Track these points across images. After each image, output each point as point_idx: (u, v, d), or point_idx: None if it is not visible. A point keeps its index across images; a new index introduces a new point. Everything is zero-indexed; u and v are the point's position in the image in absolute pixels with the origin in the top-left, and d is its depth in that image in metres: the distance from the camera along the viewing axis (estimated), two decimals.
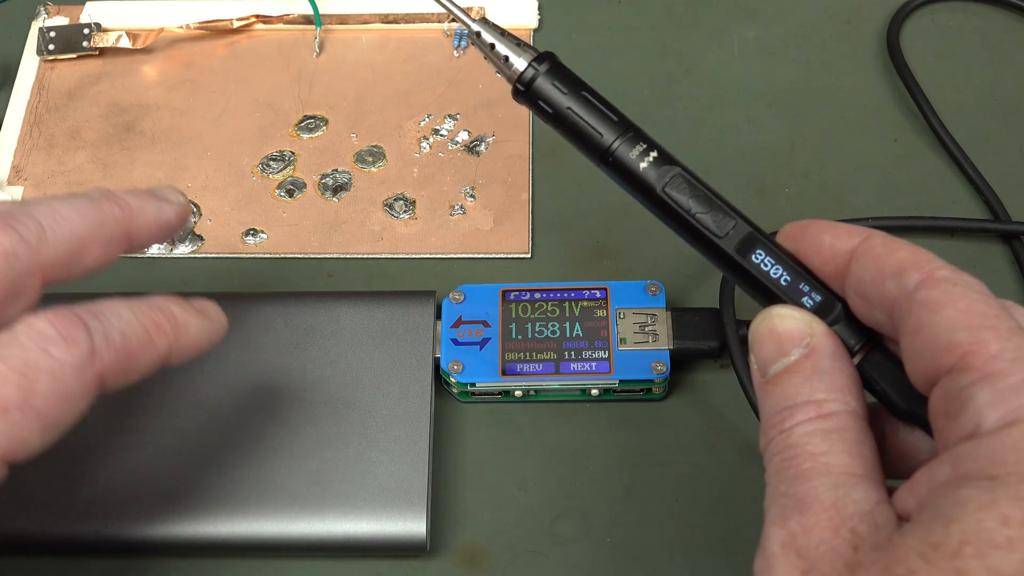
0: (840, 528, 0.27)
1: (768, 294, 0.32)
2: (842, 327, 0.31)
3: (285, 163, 0.52)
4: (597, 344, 0.44)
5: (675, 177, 0.34)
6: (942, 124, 0.52)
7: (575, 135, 0.35)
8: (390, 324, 0.44)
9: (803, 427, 0.29)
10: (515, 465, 0.44)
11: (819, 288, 0.31)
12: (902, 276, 0.29)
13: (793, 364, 0.30)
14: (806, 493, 0.28)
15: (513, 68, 0.35)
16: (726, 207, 0.33)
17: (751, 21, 0.56)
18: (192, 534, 0.41)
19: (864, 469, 0.28)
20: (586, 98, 0.35)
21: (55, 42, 0.55)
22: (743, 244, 0.33)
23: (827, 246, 0.31)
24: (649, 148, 0.34)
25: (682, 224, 0.34)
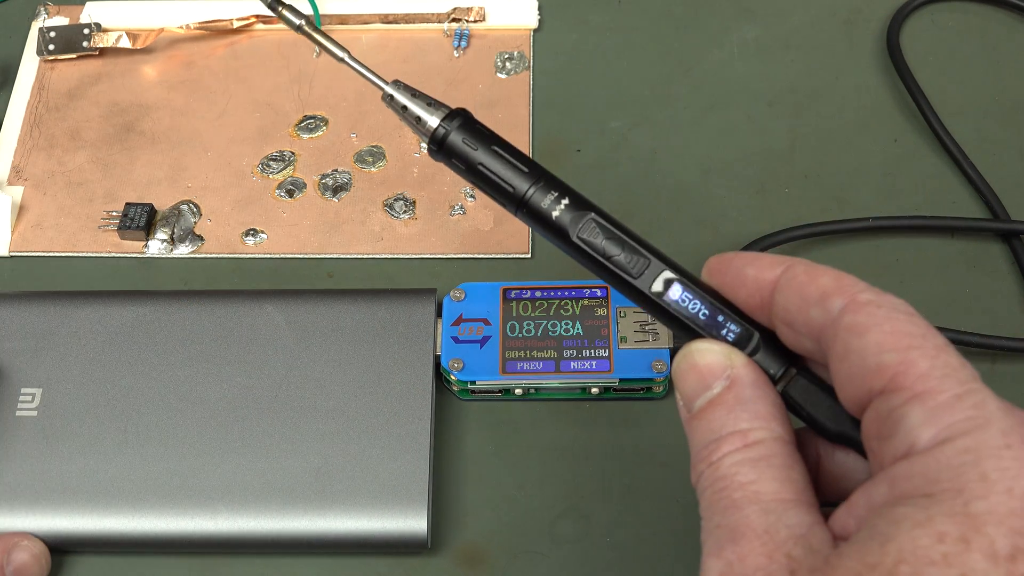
0: (775, 553, 0.27)
1: (687, 329, 0.33)
2: (763, 355, 0.31)
3: (285, 163, 0.52)
4: (597, 343, 0.44)
5: (587, 222, 0.34)
6: (942, 124, 0.52)
7: (490, 187, 0.35)
8: (391, 322, 0.44)
9: (730, 457, 0.29)
10: (515, 464, 0.44)
11: (737, 319, 0.32)
12: (825, 302, 0.29)
13: (716, 397, 0.30)
14: (738, 522, 0.28)
15: (427, 126, 0.35)
16: (640, 247, 0.34)
17: (751, 21, 0.56)
18: (194, 531, 0.41)
19: (794, 494, 0.28)
20: (497, 151, 0.35)
21: (55, 42, 0.55)
22: (659, 282, 0.33)
23: (751, 278, 0.31)
24: (561, 195, 0.34)
25: (599, 266, 0.34)
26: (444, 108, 0.36)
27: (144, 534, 0.41)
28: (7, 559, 0.40)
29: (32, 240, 0.50)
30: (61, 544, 0.41)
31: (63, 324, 0.45)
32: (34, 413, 0.43)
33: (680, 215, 0.50)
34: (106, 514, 0.41)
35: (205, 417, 0.43)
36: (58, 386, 0.43)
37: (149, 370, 0.44)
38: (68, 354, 0.44)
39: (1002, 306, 0.47)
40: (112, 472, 0.42)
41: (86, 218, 0.50)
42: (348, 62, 0.38)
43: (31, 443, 0.42)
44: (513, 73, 0.55)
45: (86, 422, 0.43)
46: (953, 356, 0.27)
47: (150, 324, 0.45)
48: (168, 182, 0.51)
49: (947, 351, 0.27)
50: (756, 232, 0.49)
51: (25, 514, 0.41)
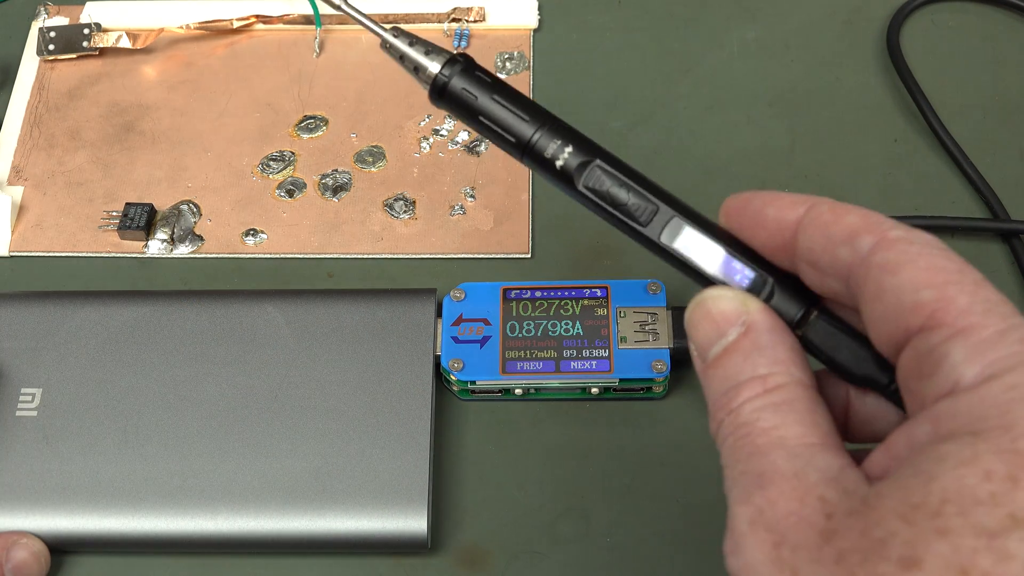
0: (806, 497, 0.26)
1: (700, 276, 0.32)
2: (779, 300, 0.30)
3: (285, 163, 0.52)
4: (597, 343, 0.44)
5: (593, 169, 0.33)
6: (942, 124, 0.52)
7: (493, 134, 0.34)
8: (391, 322, 0.44)
9: (751, 403, 0.28)
10: (515, 464, 0.44)
11: (751, 264, 0.31)
12: (854, 241, 0.28)
13: (732, 344, 0.29)
14: (765, 467, 0.27)
15: (427, 73, 0.34)
16: (649, 192, 0.33)
17: (751, 21, 0.56)
18: (194, 531, 0.41)
19: (820, 437, 0.27)
20: (498, 99, 0.34)
21: (55, 42, 0.55)
22: (668, 229, 0.32)
23: (771, 219, 0.30)
24: (566, 142, 0.33)
25: (606, 214, 0.33)
26: (445, 53, 0.34)
27: (144, 534, 0.41)
28: (6, 556, 0.40)
29: (32, 240, 0.50)
30: (61, 544, 0.41)
31: (63, 324, 0.45)
32: (34, 413, 0.43)
33: None
34: (106, 514, 0.41)
35: (205, 417, 0.43)
36: (58, 386, 0.43)
37: (149, 370, 0.44)
38: (68, 354, 0.44)
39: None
40: (112, 472, 0.42)
41: (86, 218, 0.50)
42: (345, 9, 0.37)
43: (31, 443, 0.42)
44: (513, 73, 0.55)
45: (86, 422, 0.43)
46: (992, 291, 0.26)
47: (150, 324, 0.45)
48: (168, 182, 0.51)
49: (986, 286, 0.26)
50: None
51: (25, 514, 0.41)
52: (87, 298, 0.46)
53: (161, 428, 0.42)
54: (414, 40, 0.34)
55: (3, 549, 0.40)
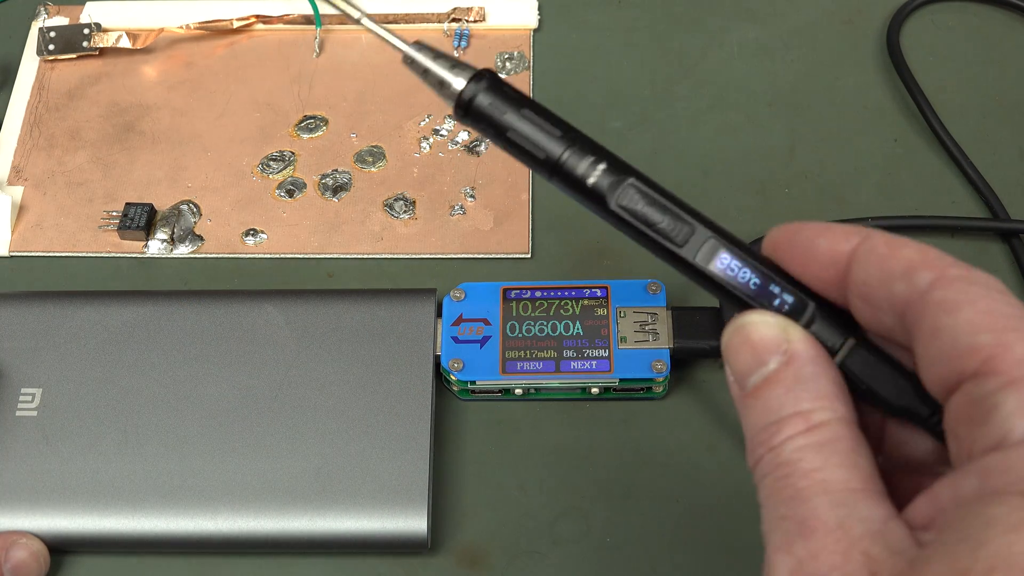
0: (850, 552, 0.25)
1: (738, 300, 0.30)
2: (819, 327, 0.29)
3: (285, 163, 0.52)
4: (597, 343, 0.44)
5: (627, 188, 0.31)
6: (942, 124, 0.52)
7: (521, 152, 0.33)
8: (391, 322, 0.44)
9: (793, 442, 0.27)
10: (515, 465, 0.44)
11: (791, 289, 0.30)
12: (912, 276, 0.27)
13: (773, 374, 0.28)
14: (807, 515, 0.26)
15: (451, 89, 0.33)
16: (685, 213, 0.31)
17: (751, 21, 0.56)
18: (194, 531, 0.41)
19: (863, 482, 0.26)
20: (527, 114, 0.32)
21: (55, 42, 0.55)
22: (705, 251, 0.31)
23: (823, 250, 0.29)
24: (598, 159, 0.32)
25: (639, 235, 0.32)
26: (470, 69, 0.33)
27: (144, 534, 0.41)
28: (5, 556, 0.40)
29: (32, 240, 0.50)
30: (61, 544, 0.41)
31: (63, 324, 0.45)
32: (34, 413, 0.43)
33: None
34: (106, 514, 0.41)
35: (205, 417, 0.43)
36: (58, 386, 0.43)
37: (149, 370, 0.44)
38: (68, 354, 0.44)
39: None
40: (112, 472, 0.42)
41: (86, 218, 0.50)
42: (366, 24, 0.35)
43: (31, 443, 0.42)
44: (513, 73, 0.55)
45: (86, 422, 0.43)
46: None
47: (150, 324, 0.45)
48: (168, 182, 0.51)
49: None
50: (756, 232, 0.49)
51: (25, 514, 0.41)
52: (87, 298, 0.46)
53: (161, 428, 0.42)
54: (438, 54, 0.33)
55: (2, 549, 0.40)
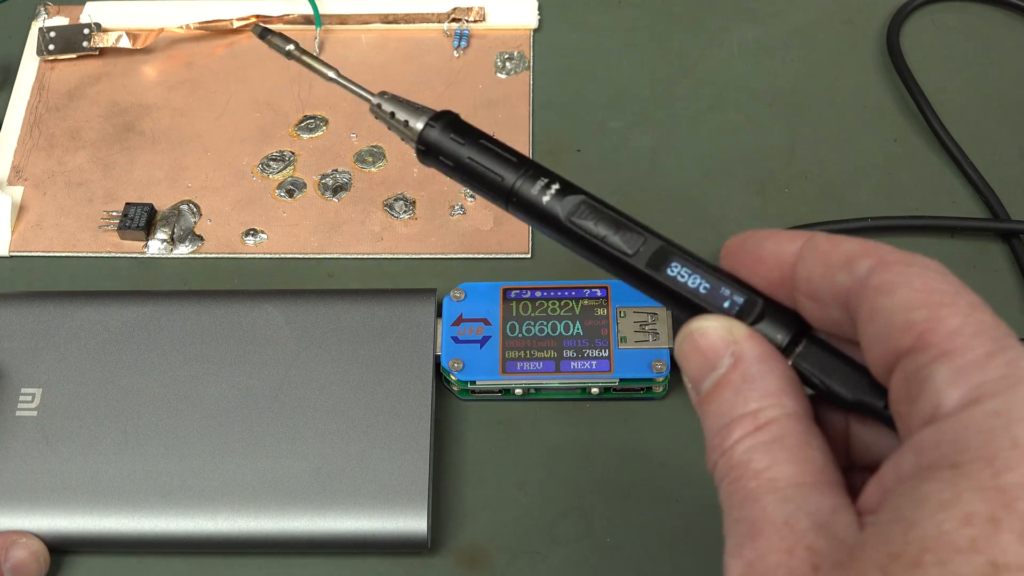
0: (795, 548, 0.25)
1: (689, 305, 0.31)
2: (768, 325, 0.30)
3: (285, 163, 0.52)
4: (597, 343, 0.44)
5: (579, 205, 0.33)
6: (942, 124, 0.52)
7: (479, 183, 0.35)
8: (391, 322, 0.44)
9: (743, 443, 0.27)
10: (515, 464, 0.44)
11: (739, 288, 0.30)
12: (852, 265, 0.27)
13: (722, 377, 0.28)
14: (756, 515, 0.26)
15: (414, 129, 0.36)
16: (635, 225, 0.33)
17: (751, 21, 0.56)
18: (193, 531, 0.41)
19: (813, 475, 0.26)
20: (483, 145, 0.35)
21: (55, 42, 0.55)
22: (655, 259, 0.32)
23: (770, 253, 0.30)
24: (551, 181, 0.34)
25: (592, 249, 0.33)
26: (430, 111, 0.36)
27: (144, 534, 0.41)
28: (5, 556, 0.40)
29: (32, 240, 0.50)
30: (61, 544, 0.41)
31: (63, 324, 0.45)
32: (34, 413, 0.43)
33: (680, 215, 0.50)
34: (106, 514, 0.41)
35: (205, 417, 0.43)
36: (58, 386, 0.43)
37: (149, 370, 0.44)
38: (68, 354, 0.44)
39: (1002, 306, 0.47)
40: (112, 472, 0.42)
41: (86, 218, 0.50)
42: (337, 80, 0.38)
43: (31, 443, 0.42)
44: (513, 73, 0.55)
45: (86, 422, 0.43)
46: (987, 314, 0.25)
47: (150, 324, 0.45)
48: (168, 182, 0.51)
49: (981, 309, 0.25)
50: None
51: (25, 514, 0.41)
52: (87, 298, 0.46)
53: (161, 428, 0.42)
54: (402, 101, 0.36)
55: (2, 548, 0.40)
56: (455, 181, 0.36)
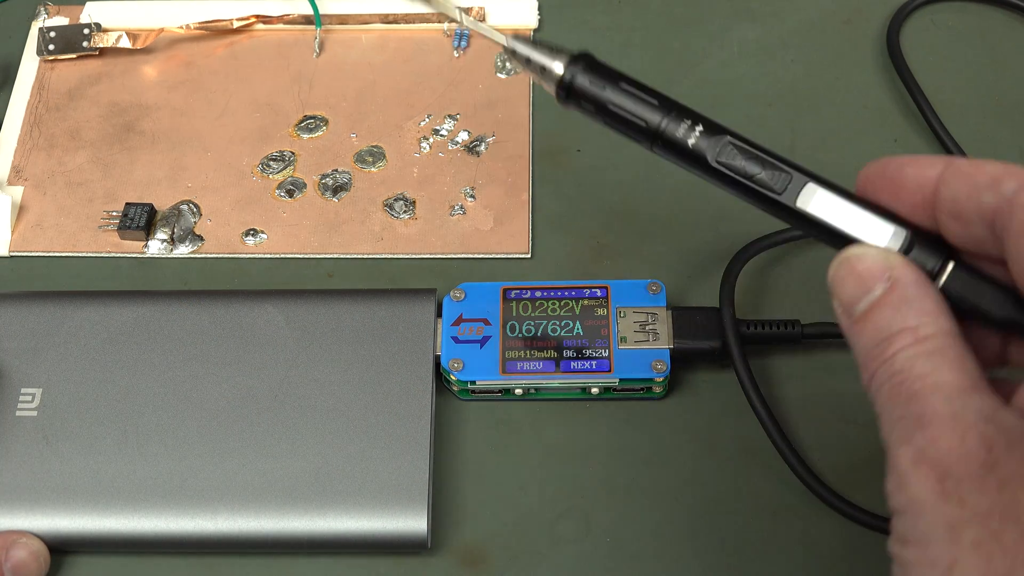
0: (967, 434, 0.27)
1: (838, 236, 0.33)
2: (918, 253, 0.31)
3: (285, 163, 0.52)
4: (597, 343, 0.44)
5: (725, 146, 0.34)
6: (942, 124, 0.52)
7: (623, 124, 0.36)
8: (391, 322, 0.44)
9: (904, 353, 0.29)
10: (515, 465, 0.44)
11: (887, 218, 0.32)
12: (998, 186, 0.29)
13: (879, 299, 0.30)
14: (924, 410, 0.28)
15: (553, 74, 0.36)
16: (780, 162, 0.34)
17: (751, 21, 0.56)
18: (193, 531, 0.41)
19: (972, 381, 0.29)
20: (624, 88, 0.35)
21: (55, 42, 0.55)
22: (804, 194, 0.33)
23: (911, 178, 0.32)
24: (695, 122, 0.35)
25: (741, 188, 0.34)
26: (567, 53, 0.36)
27: (144, 534, 0.41)
28: (5, 556, 0.40)
29: (32, 240, 0.50)
30: (61, 544, 0.41)
31: (63, 324, 0.45)
32: (34, 413, 0.43)
33: (680, 215, 0.50)
34: (106, 514, 0.41)
35: (205, 417, 0.43)
36: (58, 386, 0.43)
37: (149, 370, 0.44)
38: (68, 354, 0.44)
39: None
40: (112, 472, 0.42)
41: (86, 218, 0.50)
42: (463, 22, 0.39)
43: (31, 443, 0.42)
44: (513, 73, 0.55)
45: (86, 422, 0.43)
46: None
47: (150, 324, 0.45)
48: (168, 182, 0.51)
49: None
50: (756, 232, 0.49)
51: (25, 514, 0.41)
52: (87, 298, 0.46)
53: (161, 428, 0.42)
54: (536, 43, 0.36)
55: (2, 548, 0.40)
56: (596, 120, 0.36)
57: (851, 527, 0.42)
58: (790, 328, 0.44)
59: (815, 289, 0.47)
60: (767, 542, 0.42)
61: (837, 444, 0.44)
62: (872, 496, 0.42)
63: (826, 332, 0.44)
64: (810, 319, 0.45)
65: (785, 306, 0.47)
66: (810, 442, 0.44)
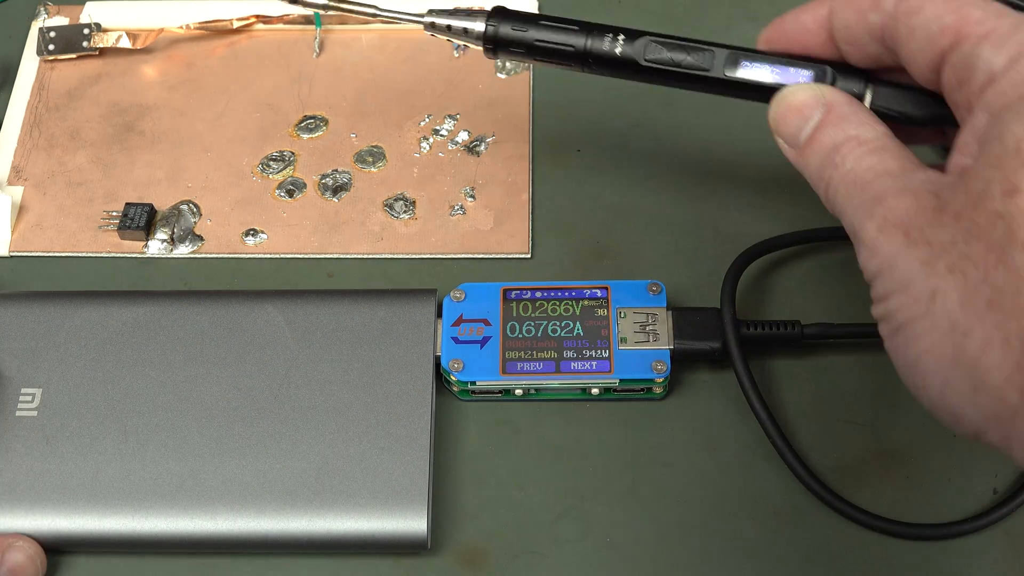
0: (918, 195, 0.31)
1: (768, 89, 0.38)
2: (841, 82, 0.36)
3: (285, 163, 0.52)
4: (598, 343, 0.44)
5: (648, 44, 0.40)
6: None
7: (552, 56, 0.40)
8: (391, 322, 0.44)
9: (852, 154, 0.33)
10: (515, 465, 0.44)
11: (806, 63, 0.37)
12: (879, 5, 0.34)
13: (820, 122, 0.35)
14: (877, 190, 0.32)
15: (476, 33, 0.41)
16: (701, 44, 0.39)
17: (751, 21, 0.56)
18: (193, 531, 0.41)
19: (913, 165, 0.33)
20: (543, 24, 0.40)
21: (55, 42, 0.55)
22: (729, 64, 0.39)
23: (808, 21, 0.37)
24: (615, 34, 0.40)
25: (674, 76, 0.39)
26: (482, 12, 0.41)
27: (144, 534, 0.41)
28: (1, 560, 0.40)
29: (32, 240, 0.50)
30: (61, 544, 0.41)
31: (63, 324, 0.45)
32: (34, 413, 0.43)
33: (680, 215, 0.50)
34: (106, 514, 0.41)
35: (205, 417, 0.43)
36: (58, 386, 0.43)
37: (149, 370, 0.44)
38: (68, 354, 0.44)
39: None
40: (112, 472, 0.42)
41: (86, 218, 0.50)
42: (381, 14, 0.43)
43: (31, 443, 0.42)
44: (513, 73, 0.55)
45: (86, 422, 0.43)
46: (999, 4, 0.32)
47: (150, 324, 0.45)
48: (168, 182, 0.51)
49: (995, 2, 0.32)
50: (756, 232, 0.49)
51: (25, 514, 0.41)
52: (87, 298, 0.46)
53: (161, 428, 0.42)
54: (451, 12, 0.41)
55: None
56: (528, 62, 0.42)
57: (851, 528, 0.42)
58: (790, 329, 0.44)
59: (815, 291, 0.47)
60: (767, 542, 0.42)
61: (837, 445, 0.44)
62: (872, 497, 0.42)
63: (826, 333, 0.44)
64: (810, 320, 0.45)
65: (785, 308, 0.47)
66: (810, 443, 0.44)
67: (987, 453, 0.44)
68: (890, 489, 0.43)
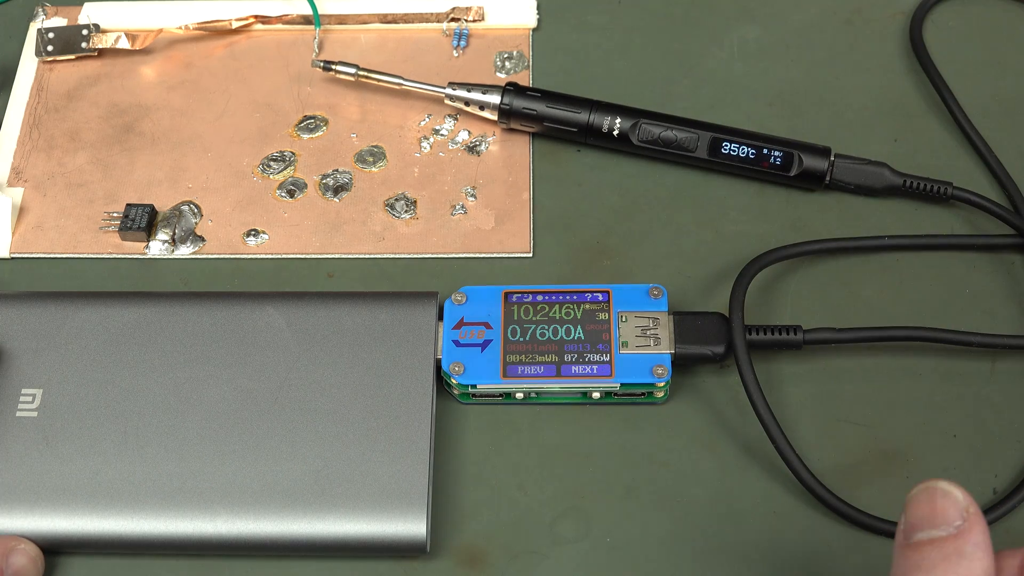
0: None
1: (745, 167, 0.47)
2: None
3: (285, 163, 0.52)
4: (599, 347, 0.44)
5: (641, 126, 0.49)
6: (938, 124, 0.52)
7: (559, 128, 0.49)
8: (392, 325, 0.44)
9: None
10: (515, 466, 0.44)
11: (780, 147, 0.44)
12: None
13: (939, 538, 0.31)
14: None
15: (493, 105, 0.50)
16: (688, 127, 0.48)
17: (751, 21, 0.56)
18: (193, 533, 0.41)
19: None
20: (552, 101, 0.49)
21: (54, 43, 0.55)
22: (712, 147, 0.48)
23: None
24: (615, 116, 0.48)
25: (662, 156, 0.48)
26: (497, 87, 0.49)
27: (143, 536, 0.41)
28: (6, 563, 0.40)
29: (33, 242, 0.50)
30: (60, 545, 0.41)
31: (64, 325, 0.45)
32: (34, 414, 0.43)
33: (680, 215, 0.50)
34: (106, 515, 0.41)
35: (205, 419, 0.43)
36: (58, 387, 0.43)
37: (149, 371, 0.44)
38: (69, 355, 0.44)
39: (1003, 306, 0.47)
40: (112, 474, 0.42)
41: (87, 219, 0.50)
42: (406, 84, 0.51)
43: (31, 444, 0.42)
44: (513, 73, 0.55)
45: (86, 423, 0.43)
46: None
47: (151, 325, 0.45)
48: (168, 183, 0.51)
49: None
50: (755, 232, 0.49)
51: (25, 515, 0.41)
52: (88, 299, 0.46)
53: (161, 429, 0.42)
54: (469, 86, 0.50)
55: (2, 555, 0.40)
56: (536, 129, 0.50)
57: (851, 530, 0.42)
58: (791, 334, 0.44)
59: (815, 297, 0.47)
60: (768, 544, 0.42)
61: (837, 449, 0.44)
62: (872, 499, 0.42)
63: (826, 339, 0.44)
64: (811, 326, 0.45)
65: (786, 312, 0.47)
66: (810, 446, 0.44)
67: (987, 453, 0.44)
68: (890, 489, 0.43)
